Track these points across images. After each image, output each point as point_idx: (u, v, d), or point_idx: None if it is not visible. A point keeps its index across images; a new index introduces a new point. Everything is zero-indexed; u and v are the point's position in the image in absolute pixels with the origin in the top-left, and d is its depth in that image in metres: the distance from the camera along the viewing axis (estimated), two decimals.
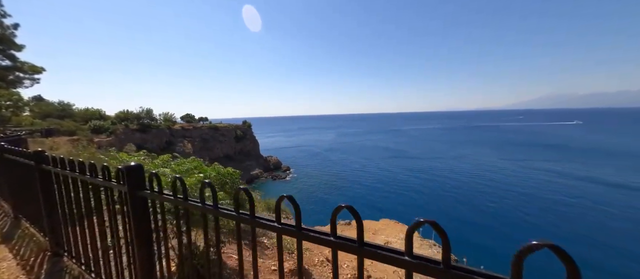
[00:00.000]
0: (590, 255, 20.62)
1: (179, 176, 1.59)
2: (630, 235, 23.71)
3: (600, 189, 35.97)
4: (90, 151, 11.39)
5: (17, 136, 13.43)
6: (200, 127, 51.90)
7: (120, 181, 1.95)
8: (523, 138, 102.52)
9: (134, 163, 1.84)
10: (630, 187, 36.20)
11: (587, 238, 23.65)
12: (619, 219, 27.15)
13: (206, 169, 4.84)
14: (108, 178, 2.14)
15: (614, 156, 58.80)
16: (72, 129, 28.80)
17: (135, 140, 38.52)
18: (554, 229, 25.78)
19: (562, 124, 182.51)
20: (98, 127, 32.15)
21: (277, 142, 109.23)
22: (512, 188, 38.23)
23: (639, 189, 35.50)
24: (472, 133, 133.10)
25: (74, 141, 24.57)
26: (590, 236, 23.92)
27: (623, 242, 22.61)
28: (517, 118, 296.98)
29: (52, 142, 17.07)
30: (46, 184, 3.10)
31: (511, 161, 57.07)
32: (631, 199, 31.91)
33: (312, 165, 61.92)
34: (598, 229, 25.29)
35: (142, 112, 41.94)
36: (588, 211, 29.46)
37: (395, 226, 9.96)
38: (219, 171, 4.87)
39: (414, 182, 43.38)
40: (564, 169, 48.13)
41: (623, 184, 37.49)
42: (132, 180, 1.84)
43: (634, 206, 29.74)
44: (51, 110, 31.53)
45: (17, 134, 14.81)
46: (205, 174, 4.38)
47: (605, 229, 25.13)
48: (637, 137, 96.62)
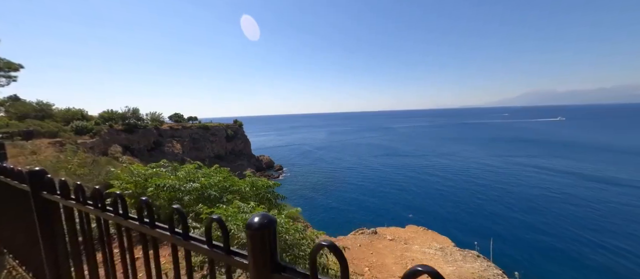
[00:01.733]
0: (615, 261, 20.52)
1: (119, 193, 1.57)
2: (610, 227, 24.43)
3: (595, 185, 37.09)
4: (80, 157, 9.91)
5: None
6: (190, 126, 50.40)
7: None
8: (513, 134, 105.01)
9: (38, 168, 2.13)
10: (611, 182, 37.44)
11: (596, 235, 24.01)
12: (606, 214, 27.89)
13: (238, 181, 4.35)
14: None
15: (599, 151, 61.01)
16: (53, 130, 27.06)
17: (121, 141, 36.89)
18: (556, 228, 26.04)
19: (547, 120, 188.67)
20: (81, 128, 30.49)
21: (268, 142, 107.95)
22: (508, 184, 38.84)
23: (621, 183, 36.74)
24: (463, 130, 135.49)
25: (55, 143, 23.06)
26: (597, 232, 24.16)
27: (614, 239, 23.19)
28: (502, 115, 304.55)
29: (33, 145, 15.62)
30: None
31: (508, 158, 58.03)
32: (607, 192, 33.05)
33: (305, 164, 61.30)
34: (598, 224, 25.82)
35: (128, 112, 40.20)
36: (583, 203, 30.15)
37: (425, 234, 9.42)
38: (254, 184, 4.39)
39: (408, 181, 43.39)
40: (558, 164, 49.33)
41: (603, 178, 38.89)
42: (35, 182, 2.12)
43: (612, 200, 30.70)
44: (29, 110, 29.65)
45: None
46: (239, 188, 3.90)
47: (594, 224, 25.74)
48: (617, 132, 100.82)
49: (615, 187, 35.23)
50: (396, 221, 27.54)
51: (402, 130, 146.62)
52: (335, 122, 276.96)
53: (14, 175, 2.44)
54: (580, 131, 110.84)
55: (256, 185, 4.45)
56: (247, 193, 4.22)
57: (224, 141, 55.11)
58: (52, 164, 8.21)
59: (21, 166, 9.36)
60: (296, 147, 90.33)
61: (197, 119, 55.86)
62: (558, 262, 20.01)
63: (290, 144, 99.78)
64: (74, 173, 7.33)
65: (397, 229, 9.99)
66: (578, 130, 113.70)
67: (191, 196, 4.00)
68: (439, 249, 8.27)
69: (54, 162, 8.49)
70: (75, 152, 10.55)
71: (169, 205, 4.13)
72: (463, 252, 8.18)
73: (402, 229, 9.95)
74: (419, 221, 27.03)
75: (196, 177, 4.38)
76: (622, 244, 21.72)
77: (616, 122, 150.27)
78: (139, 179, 4.66)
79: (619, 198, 31.14)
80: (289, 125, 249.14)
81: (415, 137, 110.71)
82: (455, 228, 25.23)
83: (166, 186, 4.08)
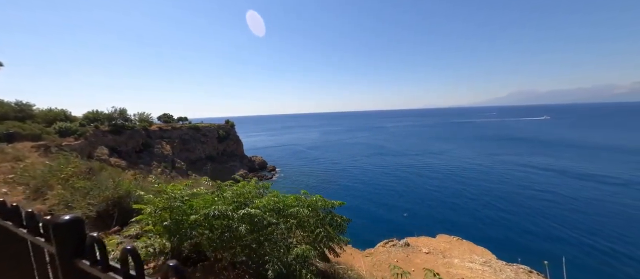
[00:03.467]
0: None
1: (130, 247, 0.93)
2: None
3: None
4: (74, 164, 8.14)
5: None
6: (180, 127, 49.09)
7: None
8: (504, 133, 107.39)
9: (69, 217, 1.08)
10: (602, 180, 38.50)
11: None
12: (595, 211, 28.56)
13: (290, 200, 3.51)
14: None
15: (585, 148, 62.83)
16: (36, 132, 25.51)
17: (108, 142, 35.51)
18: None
19: (533, 119, 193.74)
20: (65, 129, 29.04)
21: (260, 142, 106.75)
22: (497, 183, 39.38)
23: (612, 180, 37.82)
24: (452, 129, 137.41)
25: (39, 147, 21.77)
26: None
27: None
28: (490, 115, 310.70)
29: (15, 150, 13.38)
30: None
31: (505, 156, 58.98)
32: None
33: (298, 164, 60.77)
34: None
35: (114, 113, 38.74)
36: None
37: (460, 245, 8.81)
38: (313, 205, 3.49)
39: (404, 181, 43.51)
40: (553, 162, 50.43)
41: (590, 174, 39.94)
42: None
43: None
44: (8, 111, 27.94)
45: None
46: (296, 211, 3.24)
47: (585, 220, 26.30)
48: (598, 130, 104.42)
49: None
50: (395, 223, 27.36)
51: (395, 130, 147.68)
52: (327, 122, 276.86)
53: (22, 220, 1.41)
54: (565, 129, 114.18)
55: (315, 206, 3.50)
56: (305, 217, 3.40)
57: (215, 142, 53.97)
58: (43, 173, 7.18)
59: (5, 175, 7.98)
60: (289, 147, 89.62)
61: (187, 120, 54.52)
62: None
63: (283, 144, 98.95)
64: (72, 186, 6.20)
65: (429, 240, 9.21)
66: (564, 128, 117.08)
67: (245, 224, 3.19)
68: (484, 264, 7.57)
69: (44, 171, 7.36)
70: (68, 159, 8.85)
71: (220, 239, 3.36)
72: (511, 266, 7.45)
73: (434, 239, 9.28)
74: (414, 222, 27.02)
75: (248, 197, 3.53)
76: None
77: (606, 121, 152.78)
78: (180, 203, 3.68)
79: None
80: (281, 125, 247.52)
81: (407, 136, 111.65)
82: (463, 232, 25.21)
83: (215, 213, 3.21)
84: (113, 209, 5.55)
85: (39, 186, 6.56)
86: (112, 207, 5.58)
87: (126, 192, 5.70)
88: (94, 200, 5.56)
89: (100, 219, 5.45)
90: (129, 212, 4.96)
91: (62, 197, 5.72)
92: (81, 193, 5.79)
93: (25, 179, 7.08)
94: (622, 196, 31.76)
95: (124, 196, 5.69)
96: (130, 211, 4.90)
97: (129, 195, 5.70)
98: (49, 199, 5.98)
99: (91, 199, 5.58)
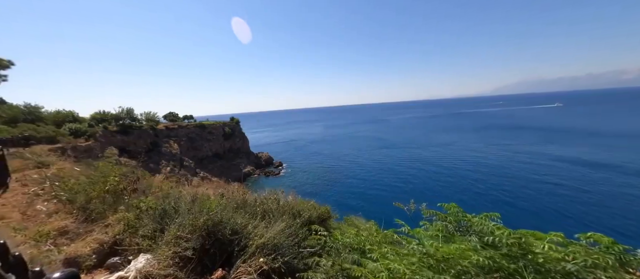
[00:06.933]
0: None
1: None
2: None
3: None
4: (116, 171, 5.59)
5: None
6: (186, 126, 49.46)
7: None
8: (516, 122, 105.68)
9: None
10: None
11: None
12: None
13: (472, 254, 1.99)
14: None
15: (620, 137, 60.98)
16: (51, 135, 25.59)
17: (116, 143, 35.92)
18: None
19: (545, 107, 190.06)
20: (75, 130, 29.42)
21: (266, 138, 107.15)
22: (532, 176, 38.91)
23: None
24: (459, 120, 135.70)
25: (56, 150, 21.89)
26: None
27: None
28: (497, 104, 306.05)
29: (33, 153, 11.92)
30: None
31: (512, 147, 58.15)
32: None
33: (304, 159, 60.91)
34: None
35: (122, 112, 39.13)
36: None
37: None
38: (493, 258, 1.96)
39: (409, 173, 43.31)
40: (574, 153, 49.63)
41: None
42: None
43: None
44: (18, 114, 28.17)
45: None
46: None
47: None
48: (616, 117, 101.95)
49: None
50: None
51: (399, 122, 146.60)
52: (331, 116, 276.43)
53: None
54: (581, 117, 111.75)
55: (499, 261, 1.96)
56: None
57: (221, 139, 54.31)
58: (84, 184, 5.50)
59: (37, 185, 6.43)
60: (294, 142, 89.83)
61: (193, 118, 54.88)
62: None
63: (288, 139, 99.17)
64: (136, 206, 4.27)
65: None
66: (579, 116, 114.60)
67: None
68: None
69: (85, 182, 5.63)
70: (113, 165, 6.48)
71: None
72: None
73: None
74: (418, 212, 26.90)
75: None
76: None
77: (620, 108, 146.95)
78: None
79: None
80: (286, 120, 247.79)
81: (411, 128, 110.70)
82: None
83: None
84: (210, 243, 3.52)
85: (84, 204, 4.91)
86: (207, 240, 3.53)
87: (219, 218, 3.69)
88: (184, 230, 3.41)
89: (192, 259, 3.27)
90: (225, 244, 3.46)
91: (128, 222, 4.06)
92: (150, 217, 3.94)
93: (68, 194, 5.30)
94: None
95: (218, 223, 3.64)
96: (225, 243, 3.46)
97: (223, 222, 3.70)
98: (111, 225, 4.25)
99: (179, 229, 3.44)
